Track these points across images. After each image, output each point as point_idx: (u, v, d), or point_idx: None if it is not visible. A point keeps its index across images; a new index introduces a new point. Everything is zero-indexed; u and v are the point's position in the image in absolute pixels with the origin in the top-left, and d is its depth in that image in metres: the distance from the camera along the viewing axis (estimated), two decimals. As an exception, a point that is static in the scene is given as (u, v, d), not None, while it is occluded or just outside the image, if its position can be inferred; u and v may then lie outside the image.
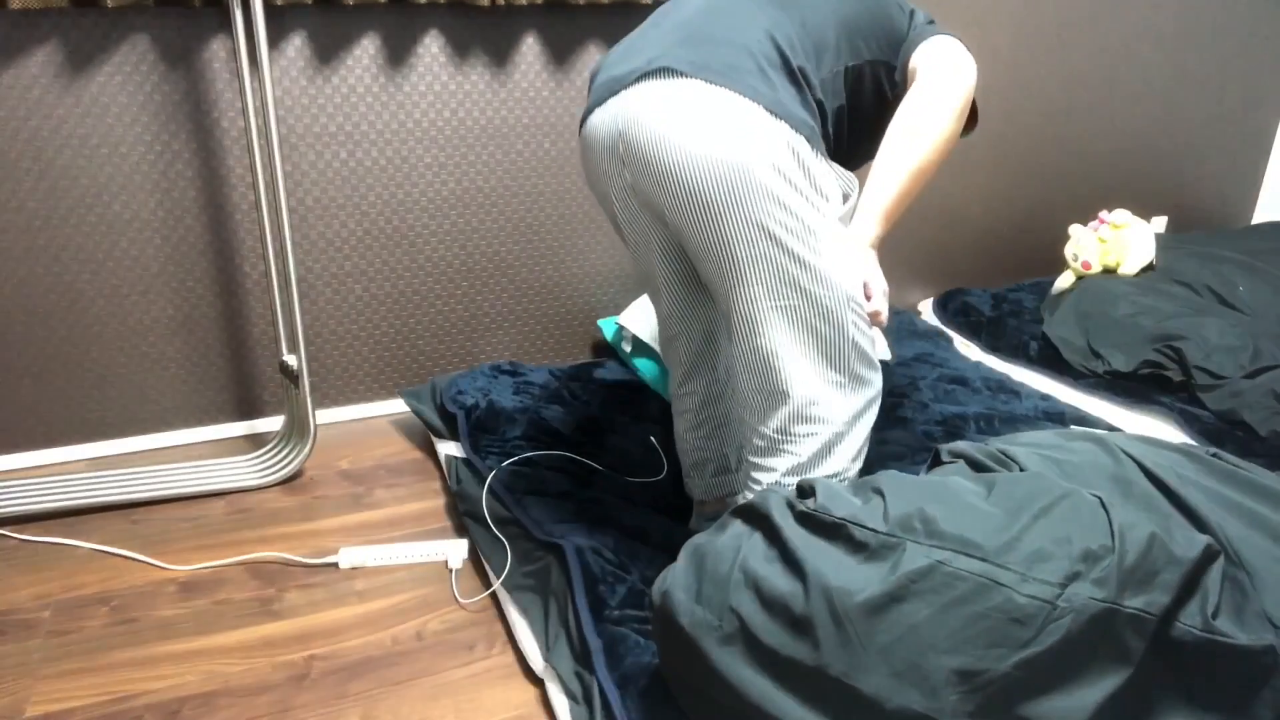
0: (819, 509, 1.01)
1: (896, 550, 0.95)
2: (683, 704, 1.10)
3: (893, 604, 0.92)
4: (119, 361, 1.90)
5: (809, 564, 0.96)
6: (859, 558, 0.96)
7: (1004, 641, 0.88)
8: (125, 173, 1.78)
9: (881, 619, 0.91)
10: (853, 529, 0.98)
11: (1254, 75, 2.90)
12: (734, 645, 0.98)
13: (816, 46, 1.27)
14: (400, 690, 1.30)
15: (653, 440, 1.85)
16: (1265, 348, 1.94)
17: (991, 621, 0.89)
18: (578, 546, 1.39)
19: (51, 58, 1.68)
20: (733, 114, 1.16)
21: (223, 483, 1.80)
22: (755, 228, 1.17)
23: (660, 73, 1.21)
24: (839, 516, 0.99)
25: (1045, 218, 2.76)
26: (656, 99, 1.19)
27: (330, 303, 2.03)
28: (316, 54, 1.85)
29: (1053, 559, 0.92)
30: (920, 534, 0.95)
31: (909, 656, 0.90)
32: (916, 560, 0.93)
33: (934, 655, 0.89)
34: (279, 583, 1.53)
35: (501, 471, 1.66)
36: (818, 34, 1.27)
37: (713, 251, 1.21)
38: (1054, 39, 2.55)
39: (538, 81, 2.03)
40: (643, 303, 2.15)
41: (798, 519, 1.02)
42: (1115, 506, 0.98)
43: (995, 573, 0.91)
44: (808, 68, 1.25)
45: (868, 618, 0.91)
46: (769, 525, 1.03)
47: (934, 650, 0.89)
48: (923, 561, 0.92)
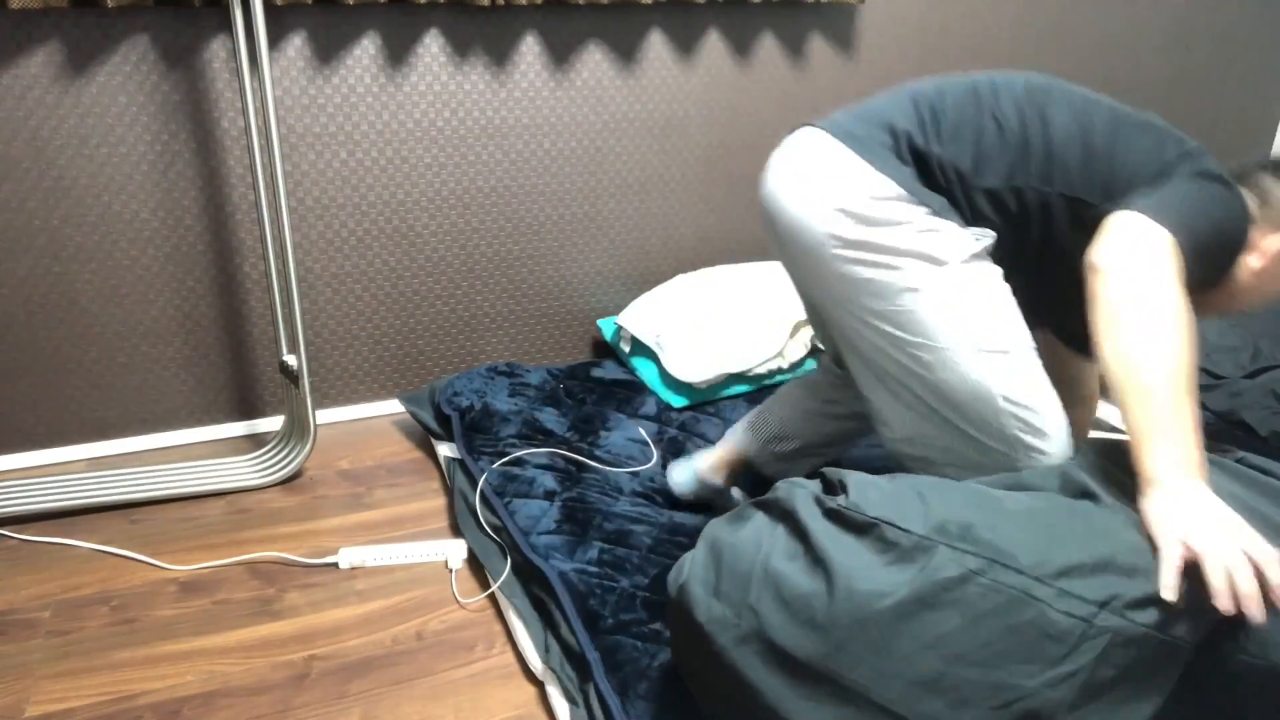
0: (849, 506, 0.97)
1: (929, 554, 0.91)
2: (693, 690, 1.09)
3: (923, 610, 0.89)
4: (119, 361, 1.90)
5: (835, 563, 0.93)
6: (887, 558, 0.93)
7: (1036, 657, 0.86)
8: (125, 173, 1.78)
9: (909, 625, 0.89)
10: (885, 529, 0.94)
11: (1254, 75, 2.90)
12: (751, 644, 0.96)
13: (993, 150, 1.15)
14: (400, 690, 1.30)
15: (641, 432, 1.85)
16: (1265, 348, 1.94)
17: (1024, 636, 0.86)
18: (561, 572, 1.38)
19: (51, 58, 1.68)
20: (826, 164, 1.17)
21: (223, 483, 1.80)
22: (835, 279, 1.17)
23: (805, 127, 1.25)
24: (872, 516, 0.95)
25: (1045, 218, 2.76)
26: (784, 151, 1.25)
27: (330, 303, 2.03)
28: (316, 54, 1.85)
29: (1092, 576, 0.88)
30: (955, 539, 0.92)
31: (935, 665, 0.87)
32: (948, 568, 0.90)
33: (961, 666, 0.87)
34: (279, 583, 1.53)
35: (493, 474, 1.66)
36: (1014, 137, 1.14)
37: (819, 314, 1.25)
38: (1054, 39, 2.55)
39: (538, 81, 2.03)
40: (642, 303, 2.15)
41: (826, 515, 0.99)
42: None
43: (1031, 586, 0.88)
44: (955, 163, 1.15)
45: (895, 623, 0.89)
46: (794, 521, 1.00)
47: (962, 661, 0.87)
48: (954, 570, 0.89)
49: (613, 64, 2.08)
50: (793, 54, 2.26)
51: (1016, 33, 2.50)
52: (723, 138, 2.26)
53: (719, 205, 2.32)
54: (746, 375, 2.03)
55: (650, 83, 2.14)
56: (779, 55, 2.24)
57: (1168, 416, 0.93)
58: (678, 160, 2.24)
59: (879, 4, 2.29)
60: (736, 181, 2.32)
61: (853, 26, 2.29)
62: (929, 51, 2.40)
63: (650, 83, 2.14)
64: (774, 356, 2.03)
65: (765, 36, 2.21)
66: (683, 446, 1.82)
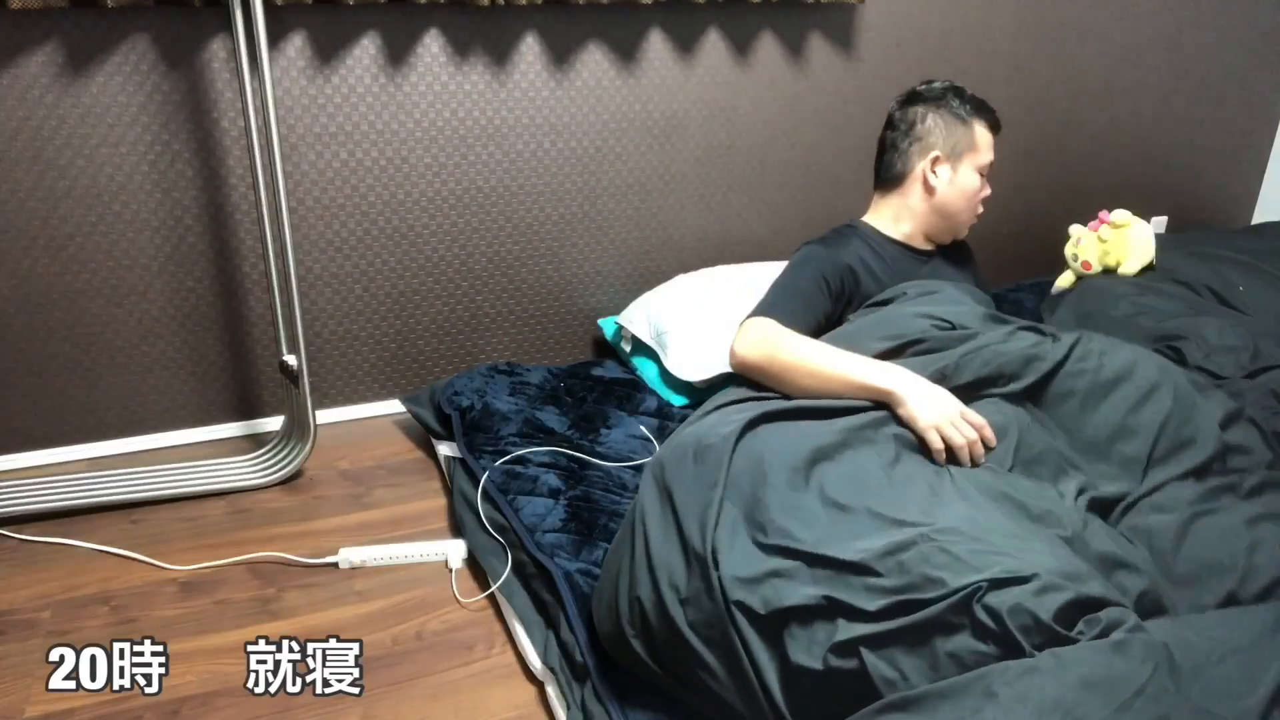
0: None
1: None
2: (690, 689, 1.11)
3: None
4: (119, 361, 1.90)
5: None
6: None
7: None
8: (125, 173, 1.78)
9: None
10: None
11: (1254, 75, 2.90)
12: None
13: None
14: (400, 690, 1.30)
15: (643, 429, 1.86)
16: (1265, 348, 1.93)
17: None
18: (566, 573, 1.37)
19: (51, 58, 1.68)
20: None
21: (223, 483, 1.80)
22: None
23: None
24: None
25: (1045, 218, 2.76)
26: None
27: (330, 303, 2.03)
28: (316, 54, 1.85)
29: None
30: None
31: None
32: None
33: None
34: (279, 583, 1.53)
35: (495, 472, 1.66)
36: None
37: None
38: (1054, 40, 2.55)
39: (538, 81, 2.03)
40: (643, 302, 2.15)
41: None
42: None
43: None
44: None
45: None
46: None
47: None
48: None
49: (613, 64, 2.08)
50: (793, 54, 2.25)
51: (1016, 33, 2.50)
52: (723, 138, 2.26)
53: (719, 205, 2.32)
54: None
55: (650, 83, 2.14)
56: (779, 55, 2.24)
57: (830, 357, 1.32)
58: (678, 160, 2.24)
59: (879, 4, 2.29)
60: (736, 181, 2.32)
61: (853, 26, 2.29)
62: (929, 51, 2.40)
63: (650, 83, 2.14)
64: (774, 356, 2.02)
65: (765, 36, 2.21)
66: (683, 445, 1.82)
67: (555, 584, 1.35)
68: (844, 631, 0.96)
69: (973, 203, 1.63)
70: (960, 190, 1.60)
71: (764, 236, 2.40)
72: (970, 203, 1.63)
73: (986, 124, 1.61)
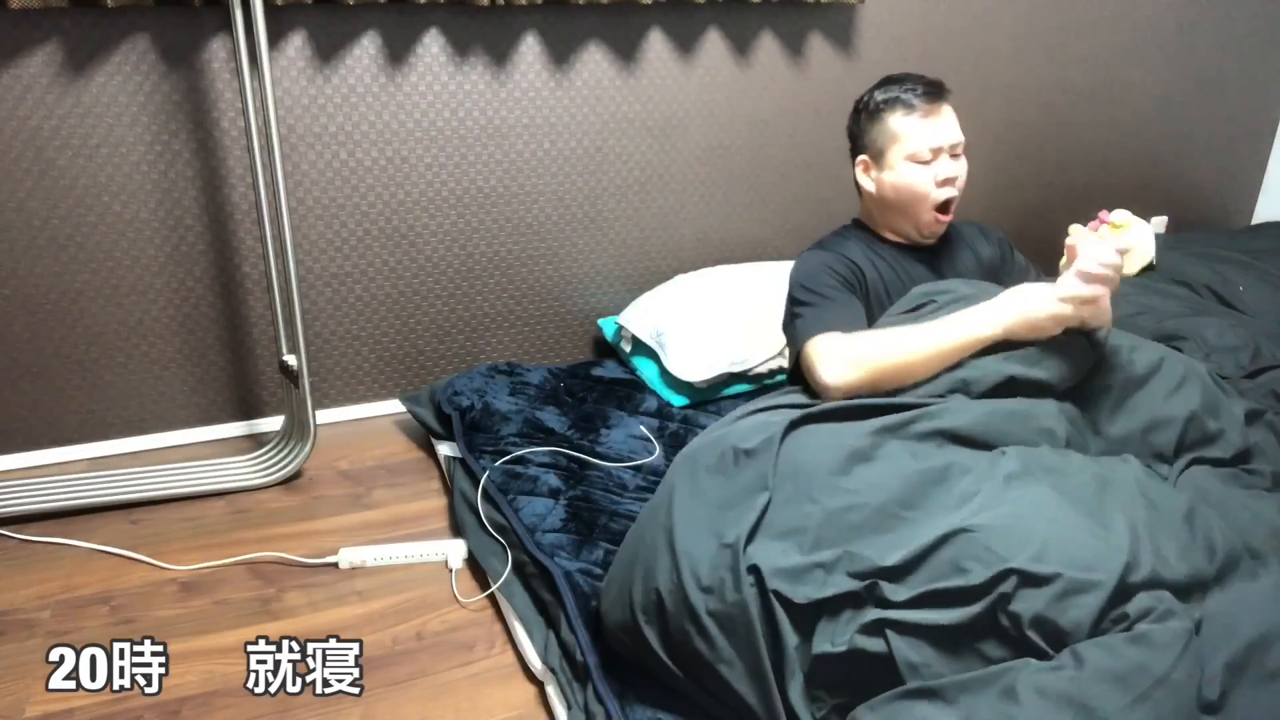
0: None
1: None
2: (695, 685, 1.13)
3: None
4: (119, 361, 1.90)
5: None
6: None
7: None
8: (125, 173, 1.78)
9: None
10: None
11: (1254, 75, 2.90)
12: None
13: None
14: (400, 690, 1.30)
15: (643, 429, 1.86)
16: (1265, 348, 1.93)
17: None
18: (566, 572, 1.37)
19: (51, 58, 1.68)
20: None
21: (223, 483, 1.80)
22: None
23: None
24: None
25: (1045, 218, 2.76)
26: None
27: (330, 303, 2.03)
28: (316, 54, 1.85)
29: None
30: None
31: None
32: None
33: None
34: (279, 583, 1.53)
35: (495, 472, 1.66)
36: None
37: None
38: (1054, 39, 2.55)
39: (537, 81, 2.03)
40: (643, 302, 2.15)
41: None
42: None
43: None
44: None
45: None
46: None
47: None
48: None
49: (613, 64, 2.08)
50: (793, 54, 2.25)
51: (1016, 33, 2.50)
52: (723, 138, 2.26)
53: (719, 205, 2.32)
54: (747, 375, 2.03)
55: (650, 82, 2.14)
56: (779, 55, 2.24)
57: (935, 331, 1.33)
58: (678, 160, 2.24)
59: (879, 4, 2.29)
60: (736, 181, 2.32)
61: (853, 26, 2.29)
62: (929, 51, 2.40)
63: (650, 82, 2.14)
64: (774, 356, 2.02)
65: (765, 36, 2.21)
66: (684, 441, 1.81)
67: (555, 584, 1.35)
68: (872, 614, 1.01)
69: (920, 193, 1.49)
70: (897, 186, 1.51)
71: (764, 236, 2.40)
72: (917, 194, 1.50)
73: (902, 109, 1.48)
